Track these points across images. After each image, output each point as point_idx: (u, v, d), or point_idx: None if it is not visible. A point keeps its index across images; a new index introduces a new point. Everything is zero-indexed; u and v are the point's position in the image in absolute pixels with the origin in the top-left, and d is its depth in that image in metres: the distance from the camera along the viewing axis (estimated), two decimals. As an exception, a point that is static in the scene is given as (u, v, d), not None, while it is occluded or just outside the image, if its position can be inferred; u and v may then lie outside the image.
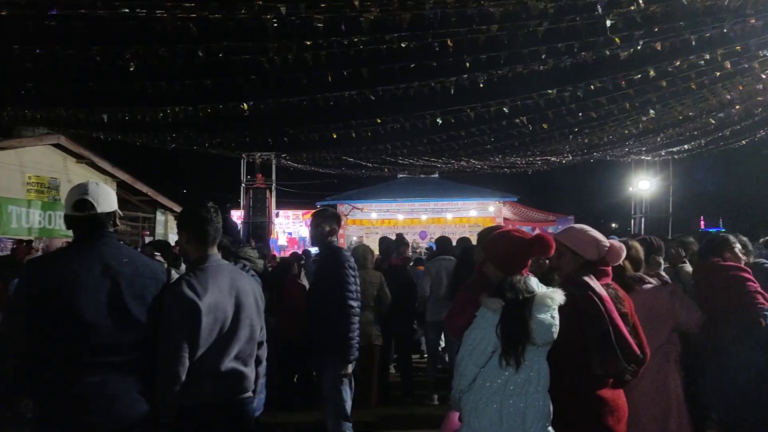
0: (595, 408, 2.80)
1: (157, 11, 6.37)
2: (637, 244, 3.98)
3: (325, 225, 4.69)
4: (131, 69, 7.79)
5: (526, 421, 2.59)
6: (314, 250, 19.59)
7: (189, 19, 6.41)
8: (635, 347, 2.84)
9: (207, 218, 2.82)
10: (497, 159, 18.72)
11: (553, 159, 18.55)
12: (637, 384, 3.22)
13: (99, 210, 2.59)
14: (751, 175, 25.88)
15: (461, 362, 2.67)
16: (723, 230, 18.03)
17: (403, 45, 6.90)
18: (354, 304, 4.58)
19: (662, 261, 4.32)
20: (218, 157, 19.36)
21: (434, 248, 8.02)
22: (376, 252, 8.43)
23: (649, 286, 3.77)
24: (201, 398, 2.62)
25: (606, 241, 3.05)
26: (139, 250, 7.15)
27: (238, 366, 2.75)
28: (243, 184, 21.17)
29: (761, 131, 14.66)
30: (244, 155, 20.65)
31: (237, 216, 21.77)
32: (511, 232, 2.98)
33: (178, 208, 22.45)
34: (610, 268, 3.07)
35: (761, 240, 7.12)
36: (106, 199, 2.65)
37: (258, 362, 3.00)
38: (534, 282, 2.74)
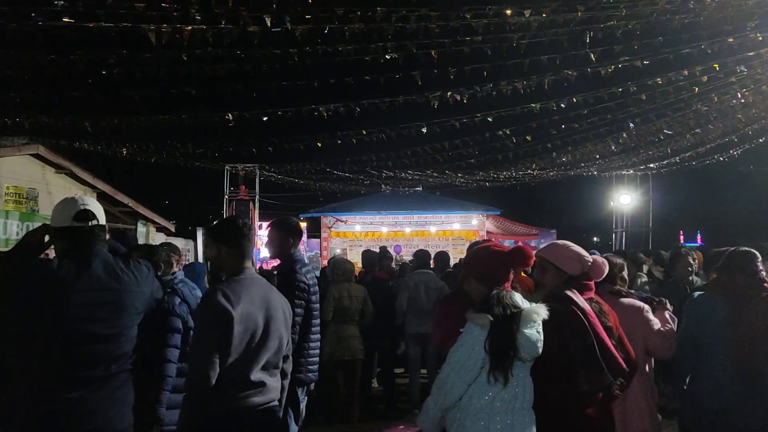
0: (582, 427, 2.77)
1: (142, 24, 6.34)
2: (620, 260, 3.98)
3: (283, 237, 4.32)
4: (114, 77, 7.74)
5: None
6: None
7: (175, 30, 6.39)
8: (621, 361, 2.83)
9: (244, 233, 2.95)
10: (481, 173, 18.86)
11: (535, 173, 18.72)
12: (625, 398, 3.22)
13: (100, 221, 2.69)
14: (729, 191, 26.32)
15: (447, 380, 2.62)
16: (701, 245, 18.27)
17: (387, 57, 6.93)
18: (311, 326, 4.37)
19: (626, 277, 4.22)
20: (201, 168, 19.27)
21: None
22: (359, 264, 8.41)
23: (627, 300, 3.68)
24: (230, 405, 2.70)
25: (588, 257, 3.08)
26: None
27: (266, 376, 2.84)
28: (226, 196, 21.05)
29: (738, 148, 14.94)
30: (227, 167, 20.57)
31: (219, 228, 21.58)
32: (490, 245, 3.00)
33: (159, 219, 22.25)
34: (593, 282, 3.09)
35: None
36: (100, 211, 2.74)
37: (283, 375, 3.10)
38: (518, 297, 2.74)
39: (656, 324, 3.62)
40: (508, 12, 5.86)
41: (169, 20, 6.33)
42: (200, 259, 18.13)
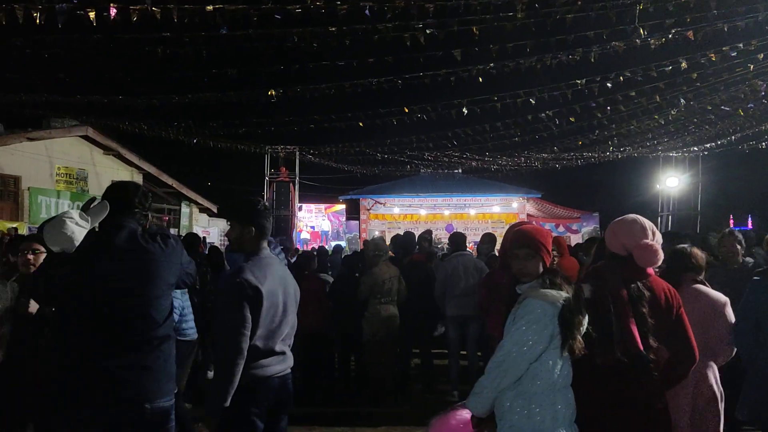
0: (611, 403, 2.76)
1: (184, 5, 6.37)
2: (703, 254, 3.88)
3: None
4: (158, 59, 7.81)
5: (573, 412, 2.64)
6: (341, 243, 19.54)
7: (216, 11, 6.40)
8: (638, 344, 2.76)
9: (266, 214, 3.12)
10: (523, 155, 18.52)
11: (577, 155, 18.29)
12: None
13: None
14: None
15: (506, 359, 2.60)
16: (750, 228, 17.61)
17: (427, 32, 6.79)
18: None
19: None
20: (243, 150, 19.50)
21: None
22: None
23: (711, 292, 3.67)
24: (256, 374, 2.90)
25: (641, 240, 2.92)
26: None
27: (285, 347, 3.11)
28: (267, 178, 21.28)
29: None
30: (268, 148, 20.76)
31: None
32: (535, 224, 3.00)
33: (202, 200, 22.66)
34: (646, 267, 2.95)
35: None
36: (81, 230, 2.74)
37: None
38: None
39: (733, 318, 3.64)
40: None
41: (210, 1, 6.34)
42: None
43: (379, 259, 6.50)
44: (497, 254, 7.37)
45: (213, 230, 21.55)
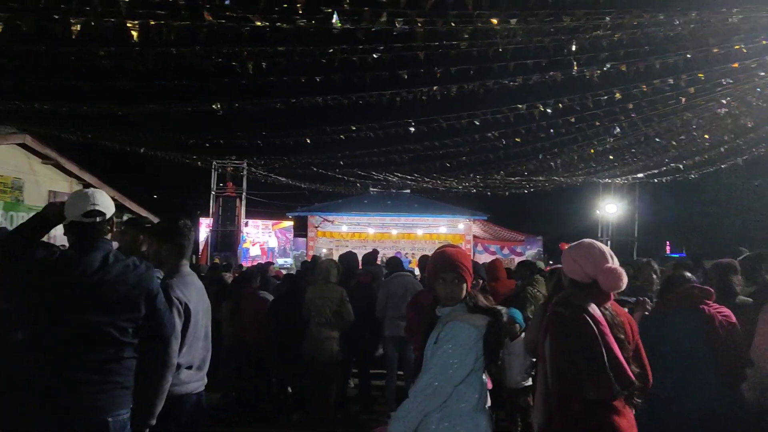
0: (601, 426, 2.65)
1: (128, 22, 6.28)
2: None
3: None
4: (102, 69, 7.69)
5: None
6: (282, 261, 19.30)
7: (162, 25, 6.34)
8: (630, 373, 2.67)
9: (185, 233, 3.25)
10: (470, 177, 18.86)
11: (522, 179, 18.76)
12: None
13: (107, 217, 2.82)
14: (716, 203, 26.47)
15: (432, 382, 2.62)
16: (682, 256, 18.34)
17: (375, 56, 6.93)
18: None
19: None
20: (189, 164, 19.16)
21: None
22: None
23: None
24: (178, 390, 3.02)
25: (603, 266, 2.79)
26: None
27: (202, 365, 3.22)
28: (213, 192, 20.95)
29: (726, 161, 15.05)
30: (215, 162, 20.47)
31: (206, 224, 21.49)
32: (455, 248, 3.01)
33: (146, 214, 22.10)
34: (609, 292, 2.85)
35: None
36: (110, 206, 2.86)
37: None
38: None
39: None
40: (494, 21, 5.87)
41: (157, 17, 6.29)
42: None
43: (316, 280, 6.48)
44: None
45: (156, 244, 21.01)
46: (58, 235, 3.28)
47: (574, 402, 2.64)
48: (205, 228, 21.26)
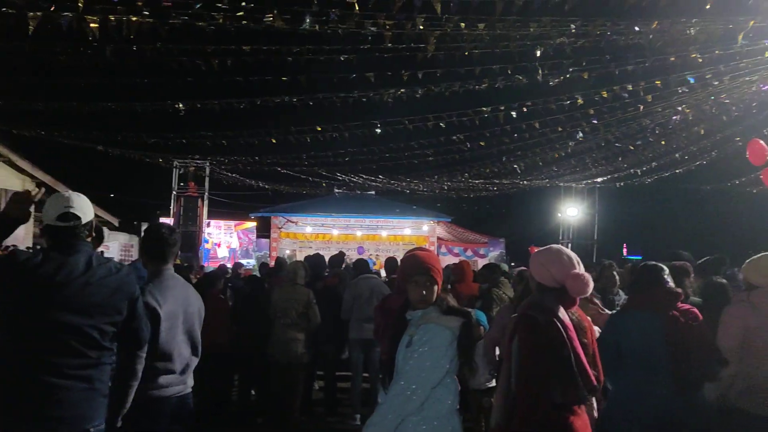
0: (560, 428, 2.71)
1: (87, 16, 6.14)
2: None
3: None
4: (61, 64, 7.49)
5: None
6: (245, 262, 19.09)
7: (122, 21, 6.21)
8: (593, 377, 2.76)
9: (157, 238, 3.32)
10: (434, 179, 19.00)
11: (486, 183, 18.99)
12: None
13: (83, 221, 2.74)
14: (669, 206, 27.24)
15: (408, 386, 2.62)
16: (640, 258, 18.81)
17: (342, 58, 6.92)
18: None
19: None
20: (150, 163, 18.77)
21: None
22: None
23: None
24: (156, 393, 3.05)
25: (569, 270, 2.84)
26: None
27: (185, 368, 3.25)
28: (174, 192, 20.56)
29: (681, 167, 15.54)
30: (177, 162, 20.09)
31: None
32: (425, 251, 3.05)
33: (102, 213, 21.56)
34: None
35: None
36: (88, 209, 2.80)
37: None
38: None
39: None
40: (462, 25, 5.93)
41: (118, 12, 6.15)
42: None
43: (282, 281, 6.43)
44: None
45: (113, 245, 20.52)
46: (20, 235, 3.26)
47: (540, 404, 2.67)
48: (165, 228, 20.87)
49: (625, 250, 30.18)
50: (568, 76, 7.31)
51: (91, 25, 6.08)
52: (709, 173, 18.33)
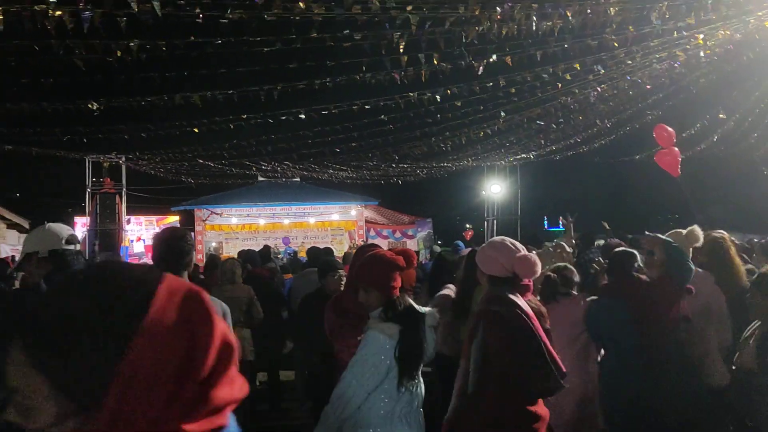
0: (529, 422, 2.74)
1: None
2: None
3: None
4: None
5: None
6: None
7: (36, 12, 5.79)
8: (561, 363, 2.76)
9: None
10: (361, 165, 18.96)
11: (412, 165, 19.17)
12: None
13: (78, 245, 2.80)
14: (588, 181, 28.53)
15: (348, 388, 2.63)
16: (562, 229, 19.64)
17: (265, 50, 6.76)
18: None
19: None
20: (60, 158, 17.70)
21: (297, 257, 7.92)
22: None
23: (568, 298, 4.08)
24: None
25: (515, 257, 2.86)
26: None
27: None
28: (89, 189, 19.50)
29: (596, 142, 16.28)
30: (89, 157, 19.02)
31: (82, 223, 20.05)
32: (379, 254, 3.01)
33: (9, 215, 20.28)
34: (530, 282, 2.95)
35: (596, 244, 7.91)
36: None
37: None
38: (411, 299, 2.84)
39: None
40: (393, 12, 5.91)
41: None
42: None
43: (221, 281, 6.26)
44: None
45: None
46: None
47: (513, 400, 2.70)
48: (81, 228, 19.82)
49: (546, 223, 31.49)
50: (492, 60, 7.46)
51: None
52: (621, 148, 19.35)
